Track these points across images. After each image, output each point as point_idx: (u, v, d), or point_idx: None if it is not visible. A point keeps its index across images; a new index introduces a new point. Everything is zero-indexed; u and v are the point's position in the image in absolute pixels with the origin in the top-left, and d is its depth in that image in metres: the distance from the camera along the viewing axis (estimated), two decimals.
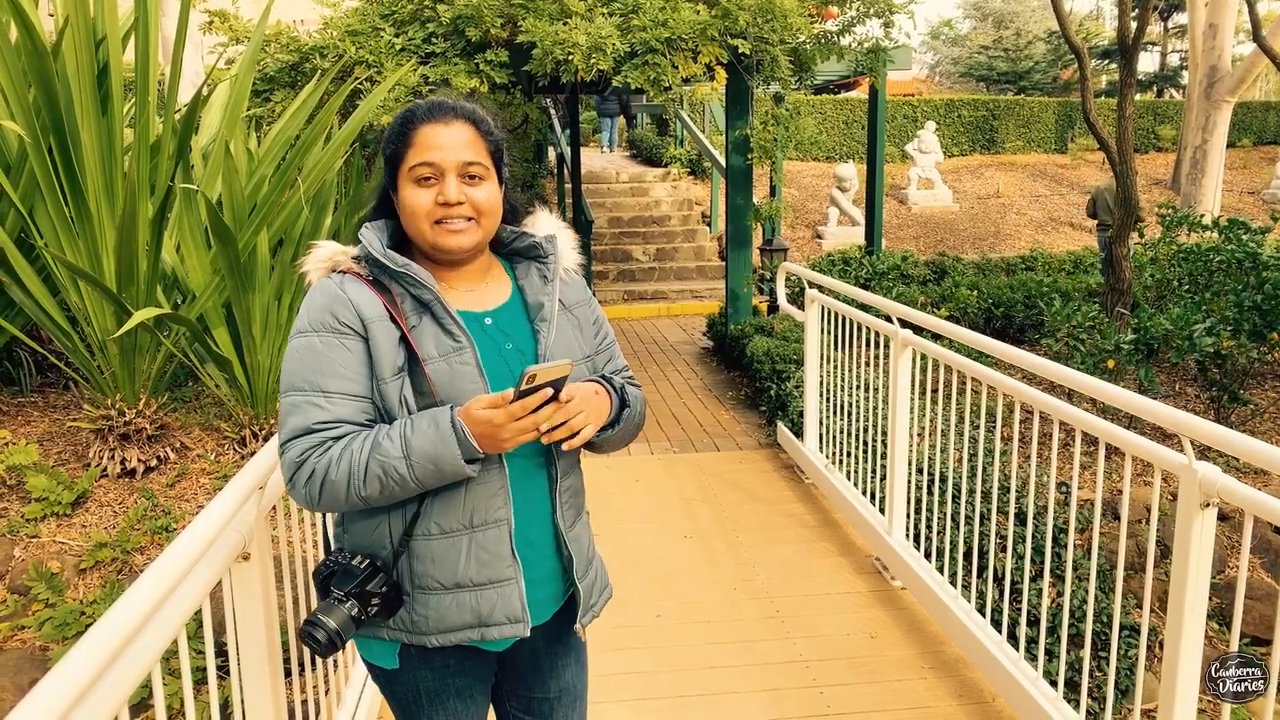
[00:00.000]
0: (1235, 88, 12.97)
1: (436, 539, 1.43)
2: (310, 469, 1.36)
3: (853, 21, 6.96)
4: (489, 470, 1.43)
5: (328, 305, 1.42)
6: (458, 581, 1.44)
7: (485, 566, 1.44)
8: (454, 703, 1.56)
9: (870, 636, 3.20)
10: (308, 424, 1.38)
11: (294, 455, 1.38)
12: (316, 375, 1.39)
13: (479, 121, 1.48)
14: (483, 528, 1.44)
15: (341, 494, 1.36)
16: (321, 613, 1.38)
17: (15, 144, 3.76)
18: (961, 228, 13.99)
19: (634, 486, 4.75)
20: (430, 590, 1.44)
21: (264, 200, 3.72)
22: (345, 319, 1.41)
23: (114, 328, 3.43)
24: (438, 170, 1.43)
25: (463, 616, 1.45)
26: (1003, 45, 26.20)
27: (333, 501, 1.38)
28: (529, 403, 1.30)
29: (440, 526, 1.43)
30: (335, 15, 6.64)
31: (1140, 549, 3.50)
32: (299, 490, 1.39)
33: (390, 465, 1.34)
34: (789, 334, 6.23)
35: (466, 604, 1.45)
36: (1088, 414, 2.47)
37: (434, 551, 1.43)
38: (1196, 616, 2.01)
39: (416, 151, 1.43)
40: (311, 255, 1.50)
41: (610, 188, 13.56)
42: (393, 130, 1.47)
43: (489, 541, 1.44)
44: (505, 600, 1.46)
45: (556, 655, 1.64)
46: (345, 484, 1.35)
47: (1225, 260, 5.25)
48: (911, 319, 3.57)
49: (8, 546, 3.21)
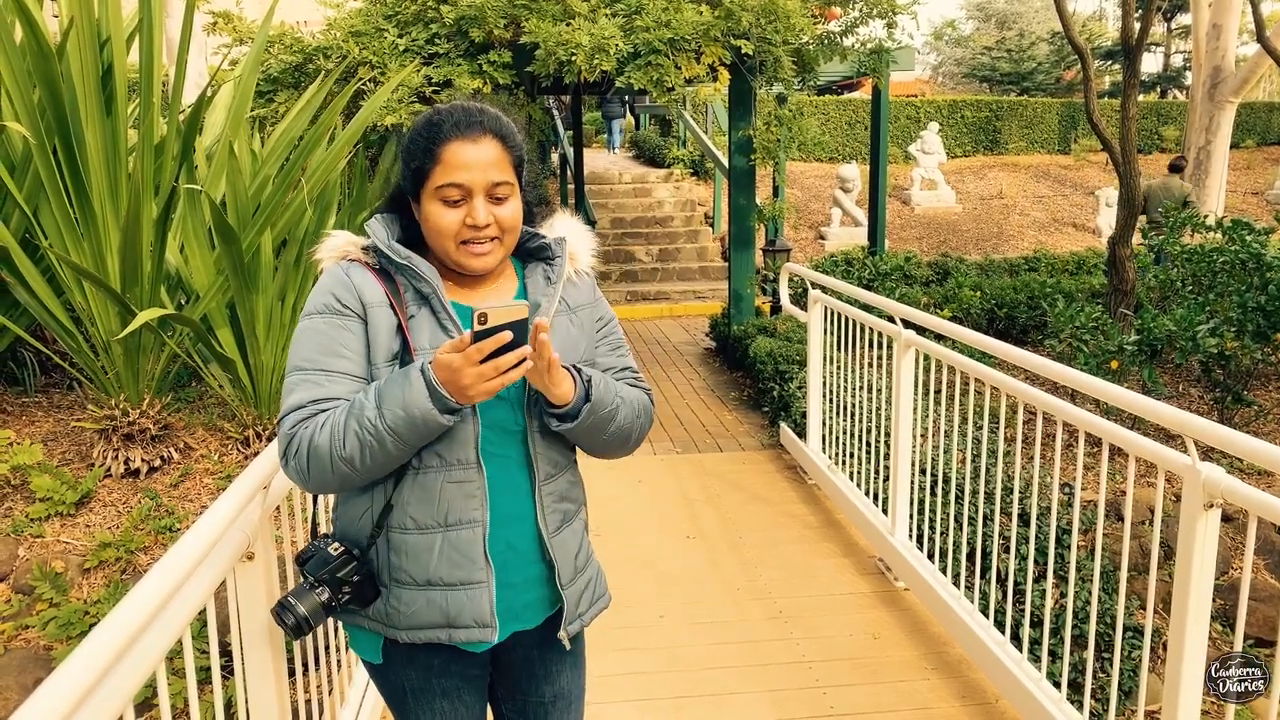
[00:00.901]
0: (1239, 88, 12.95)
1: (412, 533, 1.43)
2: (299, 441, 1.37)
3: (855, 22, 6.96)
4: (466, 469, 1.43)
5: (331, 288, 1.45)
6: (429, 579, 1.44)
7: (457, 567, 1.43)
8: (440, 703, 1.55)
9: (873, 637, 3.20)
10: (304, 400, 1.39)
11: (286, 429, 1.38)
12: (319, 354, 1.41)
13: (506, 136, 1.46)
14: (456, 527, 1.43)
15: (326, 461, 1.34)
16: (294, 595, 1.41)
17: (20, 145, 3.77)
18: (964, 228, 13.98)
19: (637, 487, 4.75)
20: (404, 585, 1.45)
21: (268, 201, 3.73)
22: (347, 301, 1.43)
23: (118, 328, 3.43)
24: (466, 191, 1.42)
25: (432, 615, 1.44)
26: (1006, 46, 26.18)
27: (320, 473, 1.36)
28: (485, 346, 1.26)
29: (415, 521, 1.43)
30: (339, 16, 6.65)
31: (1143, 550, 3.49)
32: (289, 464, 1.39)
33: (365, 419, 1.32)
34: (792, 335, 6.23)
35: (436, 603, 1.44)
36: (1091, 415, 2.47)
37: (408, 546, 1.44)
38: (1200, 618, 2.01)
39: (444, 170, 1.41)
40: (325, 244, 1.52)
41: (613, 188, 13.57)
42: (418, 143, 1.44)
43: (461, 542, 1.43)
44: (474, 603, 1.44)
45: (550, 660, 1.63)
46: (328, 449, 1.34)
47: (1229, 261, 5.24)
48: (914, 320, 3.56)
49: (12, 546, 3.21)
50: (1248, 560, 1.83)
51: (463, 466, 1.43)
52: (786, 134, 6.57)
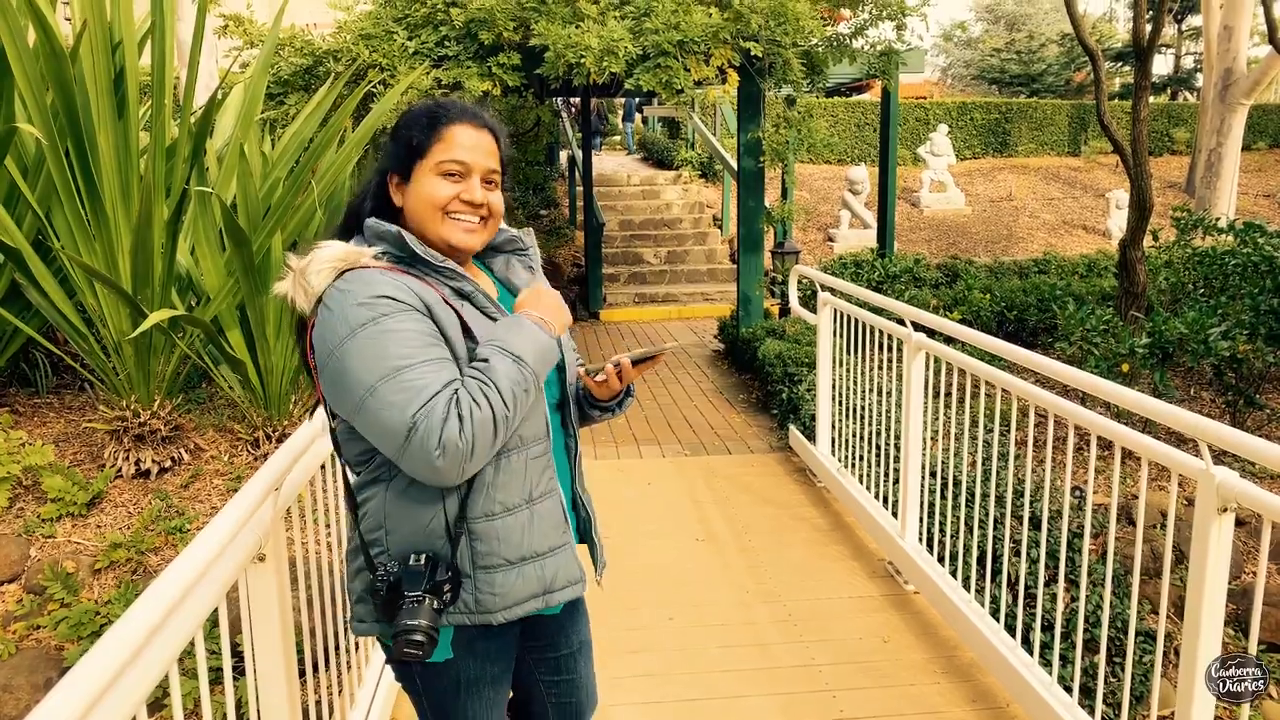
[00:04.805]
0: (1251, 90, 12.88)
1: (499, 517, 1.47)
2: (455, 421, 1.31)
3: (865, 24, 6.96)
4: (540, 443, 1.52)
5: (383, 290, 1.37)
6: (522, 555, 1.49)
7: (546, 537, 1.52)
8: (488, 691, 1.59)
9: (883, 641, 3.19)
10: (437, 386, 1.33)
11: (435, 421, 1.30)
12: (418, 348, 1.35)
13: (500, 137, 1.57)
14: (540, 499, 1.52)
15: (491, 429, 1.34)
16: (407, 618, 1.37)
17: (33, 147, 3.80)
18: (974, 231, 13.94)
19: (645, 489, 4.75)
20: (495, 568, 1.47)
21: (278, 203, 3.74)
22: (406, 298, 1.38)
23: (129, 329, 3.45)
24: (466, 169, 1.48)
25: (529, 587, 1.50)
26: (1015, 48, 26.11)
27: (484, 445, 1.34)
28: None
29: (503, 504, 1.47)
30: (349, 19, 6.68)
31: (1155, 554, 3.47)
32: (448, 452, 1.31)
33: (513, 373, 1.37)
34: (800, 337, 6.22)
35: (532, 575, 1.50)
36: (1102, 418, 2.45)
37: (498, 530, 1.47)
38: (1214, 623, 2.00)
39: (447, 147, 1.47)
40: (316, 257, 1.42)
41: (621, 190, 13.57)
42: (419, 121, 1.49)
43: (547, 513, 1.53)
44: (565, 565, 1.55)
45: (573, 609, 1.75)
46: (490, 417, 1.33)
47: (1241, 264, 5.21)
48: (924, 322, 3.55)
49: (24, 546, 3.23)
50: (1263, 565, 1.82)
51: (537, 441, 1.52)
52: (795, 136, 6.57)
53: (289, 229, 3.88)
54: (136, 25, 3.86)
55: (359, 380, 1.33)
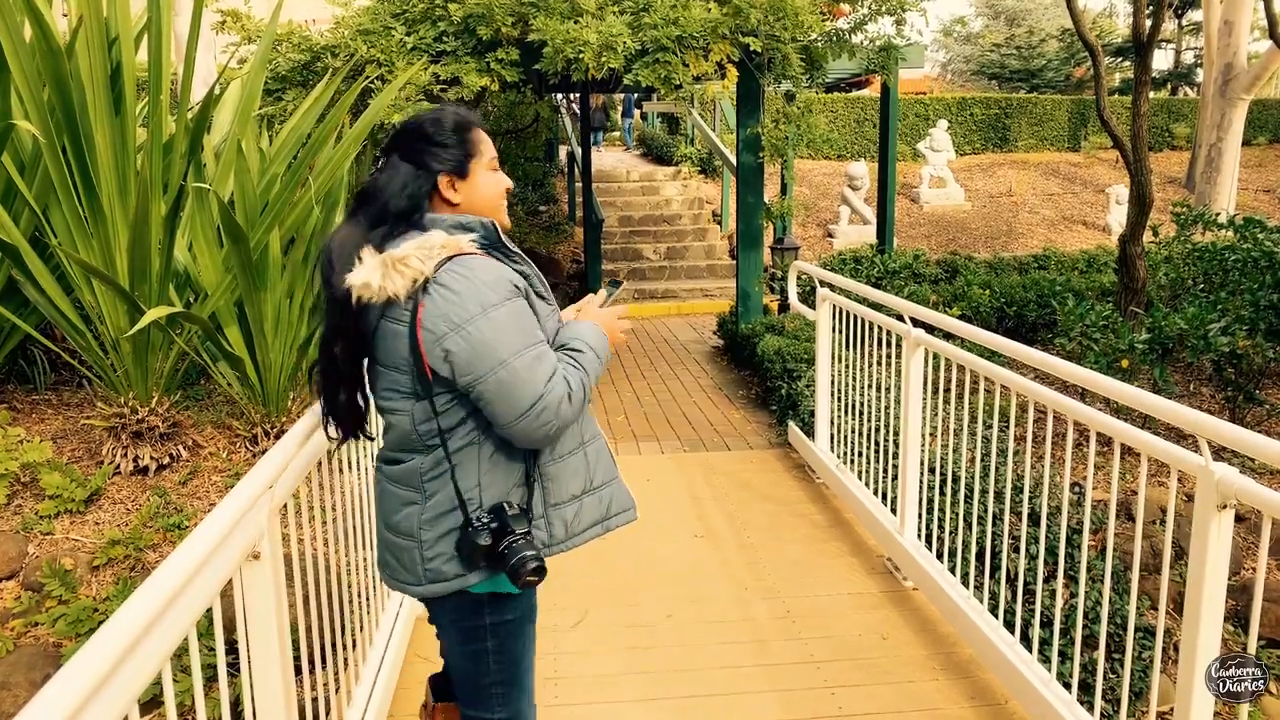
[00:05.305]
0: (1251, 85, 12.86)
1: (564, 459, 1.75)
2: (566, 400, 1.62)
3: (864, 19, 6.93)
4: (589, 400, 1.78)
5: (505, 276, 1.62)
6: (585, 488, 1.78)
7: (601, 471, 1.81)
8: (527, 626, 1.83)
9: (882, 637, 3.19)
10: (550, 368, 1.62)
11: (561, 390, 1.61)
12: (534, 329, 1.63)
13: None
14: (590, 442, 1.80)
15: (580, 408, 1.67)
16: (525, 550, 1.61)
17: (30, 143, 3.78)
18: (974, 226, 13.92)
19: (644, 485, 4.75)
20: (563, 504, 1.75)
21: (276, 199, 3.73)
22: (520, 285, 1.65)
23: (127, 326, 3.44)
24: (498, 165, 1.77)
25: (592, 515, 1.79)
26: (1015, 43, 26.06)
27: (574, 418, 1.66)
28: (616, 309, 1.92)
29: (567, 448, 1.75)
30: (346, 14, 6.66)
31: (1155, 550, 3.47)
32: (560, 420, 1.62)
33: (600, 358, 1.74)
34: (800, 333, 6.22)
35: (592, 505, 1.79)
36: (1102, 414, 2.45)
37: (562, 471, 1.75)
38: (1213, 619, 1.99)
39: (489, 147, 1.75)
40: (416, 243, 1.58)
41: (621, 186, 13.55)
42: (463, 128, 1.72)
43: (598, 451, 1.82)
44: (619, 494, 1.85)
45: None
46: (581, 390, 1.66)
47: (1241, 259, 5.21)
48: (923, 318, 3.55)
49: (22, 543, 3.22)
50: (1262, 561, 1.81)
51: (589, 398, 1.76)
52: (794, 131, 6.55)
53: (287, 225, 3.86)
54: (133, 21, 3.84)
55: (493, 353, 1.56)
